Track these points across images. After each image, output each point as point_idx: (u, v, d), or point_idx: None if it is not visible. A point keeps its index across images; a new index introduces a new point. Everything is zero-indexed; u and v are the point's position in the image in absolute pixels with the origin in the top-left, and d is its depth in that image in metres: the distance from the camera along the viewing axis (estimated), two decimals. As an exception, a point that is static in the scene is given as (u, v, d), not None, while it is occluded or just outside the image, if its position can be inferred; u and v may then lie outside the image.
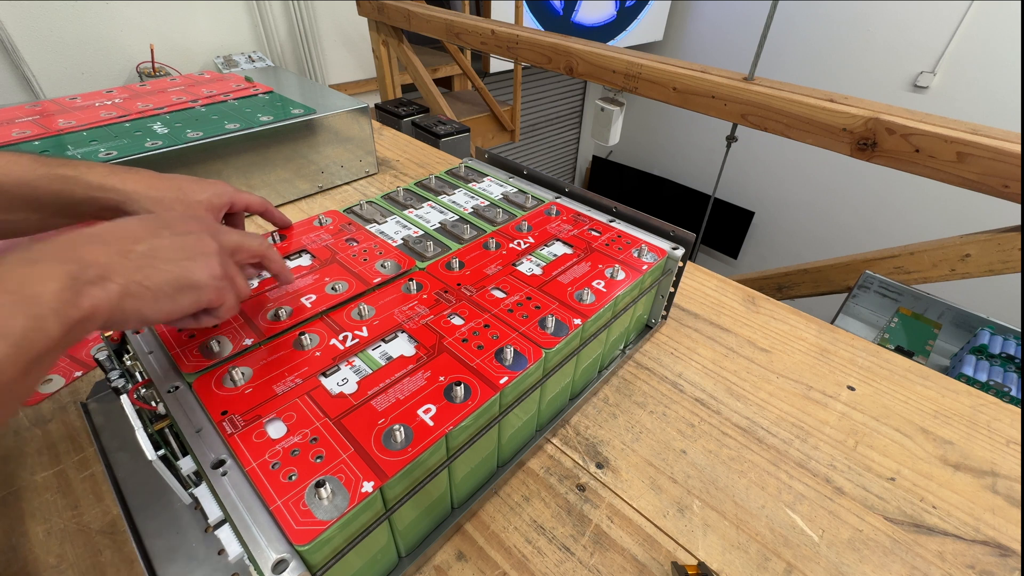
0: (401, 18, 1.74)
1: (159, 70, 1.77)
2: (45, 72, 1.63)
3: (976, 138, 0.81)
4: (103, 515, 0.40)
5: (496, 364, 0.36)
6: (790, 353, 0.56)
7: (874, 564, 0.37)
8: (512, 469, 0.42)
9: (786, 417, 0.49)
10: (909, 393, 0.52)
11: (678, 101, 1.15)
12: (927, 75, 2.73)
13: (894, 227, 3.10)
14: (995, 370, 0.87)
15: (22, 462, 0.44)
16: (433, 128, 1.19)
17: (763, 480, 0.43)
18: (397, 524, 0.33)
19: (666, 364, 0.54)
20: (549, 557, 0.37)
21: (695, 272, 0.69)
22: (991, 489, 0.43)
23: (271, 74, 0.97)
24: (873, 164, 0.94)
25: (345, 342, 0.38)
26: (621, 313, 0.46)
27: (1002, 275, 0.93)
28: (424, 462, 0.30)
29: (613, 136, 1.67)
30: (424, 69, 1.91)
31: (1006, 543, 0.39)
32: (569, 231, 0.53)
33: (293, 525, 0.26)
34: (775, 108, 1.01)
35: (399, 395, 0.33)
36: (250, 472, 0.28)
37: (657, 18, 3.48)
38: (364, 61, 2.34)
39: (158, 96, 0.80)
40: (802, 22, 3.05)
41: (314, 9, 2.10)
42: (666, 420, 0.48)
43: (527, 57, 1.42)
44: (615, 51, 1.24)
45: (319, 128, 0.79)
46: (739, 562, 0.37)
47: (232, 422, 0.31)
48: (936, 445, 0.47)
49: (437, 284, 0.45)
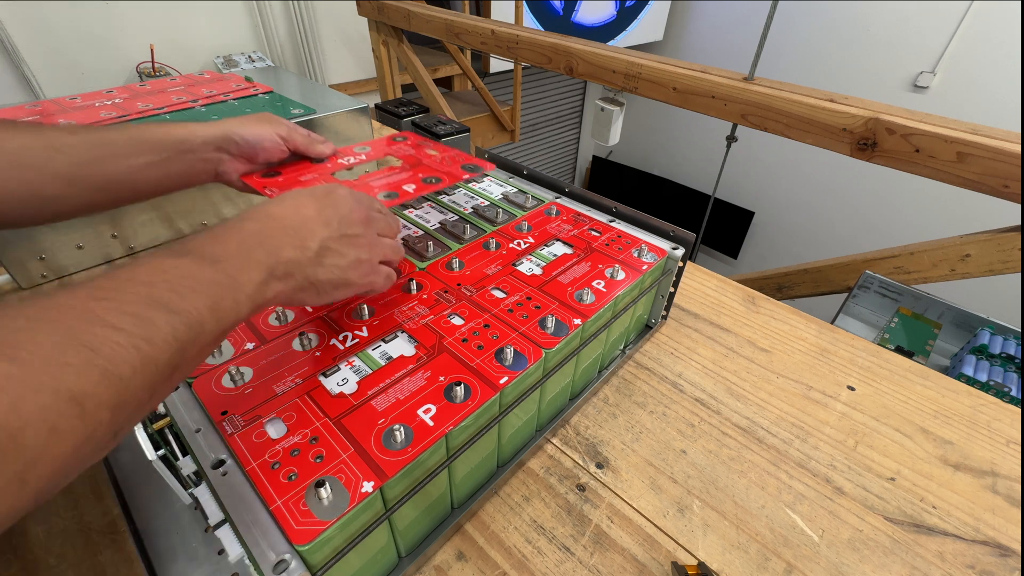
0: (401, 18, 1.74)
1: (159, 70, 1.77)
2: (45, 72, 1.63)
3: (976, 138, 0.81)
4: (103, 515, 0.40)
5: (496, 364, 0.36)
6: (790, 353, 0.56)
7: (874, 564, 0.37)
8: (512, 469, 0.42)
9: (786, 417, 0.49)
10: (909, 393, 0.52)
11: (678, 101, 1.15)
12: (927, 75, 2.73)
13: (894, 227, 3.10)
14: (995, 370, 0.87)
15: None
16: (433, 128, 1.19)
17: (763, 480, 0.43)
18: (397, 524, 0.33)
19: (666, 364, 0.54)
20: (549, 557, 0.37)
21: (695, 272, 0.69)
22: (991, 489, 0.43)
23: (271, 74, 0.97)
24: (873, 164, 0.94)
25: (345, 342, 0.38)
26: (621, 313, 0.46)
27: (1002, 275, 0.93)
28: (424, 462, 0.30)
29: (613, 136, 1.68)
30: (424, 69, 1.91)
31: (1006, 543, 0.39)
32: (569, 231, 0.53)
33: (293, 525, 0.26)
34: (775, 108, 1.01)
35: (399, 395, 0.33)
36: (250, 472, 0.28)
37: (657, 18, 3.48)
38: (364, 61, 2.34)
39: (158, 96, 0.80)
40: (802, 22, 3.05)
41: (314, 9, 2.10)
42: (666, 420, 0.48)
43: (527, 57, 1.42)
44: (615, 51, 1.24)
45: (319, 128, 0.79)
46: (739, 562, 0.37)
47: (232, 422, 0.31)
48: (936, 445, 0.47)
49: (437, 284, 0.45)
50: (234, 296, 0.26)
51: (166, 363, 0.22)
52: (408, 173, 0.53)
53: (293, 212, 0.32)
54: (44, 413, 0.17)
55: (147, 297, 0.22)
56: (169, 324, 0.22)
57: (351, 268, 0.34)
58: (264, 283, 0.28)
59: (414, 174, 0.53)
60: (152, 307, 0.22)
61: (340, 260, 0.33)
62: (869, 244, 1.42)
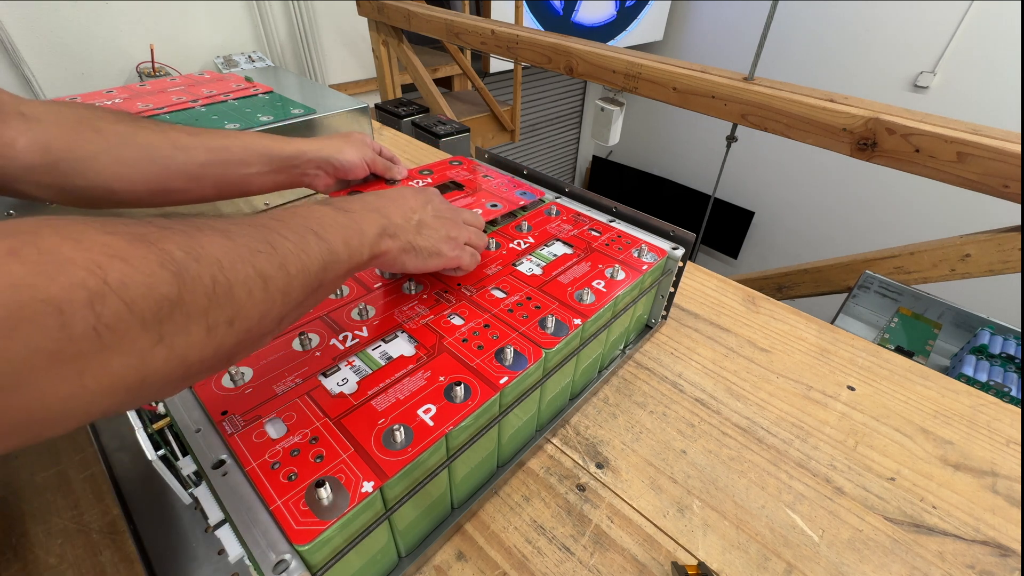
0: (401, 18, 1.74)
1: (159, 70, 1.77)
2: (45, 72, 1.63)
3: (976, 138, 0.81)
4: (103, 515, 0.40)
5: (496, 364, 0.36)
6: (790, 353, 0.56)
7: (874, 564, 0.37)
8: (512, 469, 0.42)
9: (786, 417, 0.49)
10: (909, 393, 0.52)
11: (678, 101, 1.15)
12: (927, 75, 2.73)
13: (894, 227, 3.10)
14: (995, 370, 0.87)
15: (22, 462, 0.44)
16: (433, 128, 1.19)
17: (763, 480, 0.43)
18: (397, 524, 0.33)
19: (666, 364, 0.54)
20: (549, 557, 0.37)
21: (695, 272, 0.69)
22: (991, 489, 0.43)
23: (271, 74, 0.97)
24: (873, 164, 0.94)
25: (345, 342, 0.38)
26: (621, 313, 0.46)
27: (1002, 275, 0.93)
28: (424, 462, 0.30)
29: (613, 136, 1.68)
30: (424, 69, 1.91)
31: (1006, 543, 0.39)
32: (569, 231, 0.53)
33: (293, 525, 0.26)
34: (775, 108, 1.01)
35: (399, 395, 0.33)
36: (250, 472, 0.28)
37: (657, 18, 3.48)
38: (364, 61, 2.34)
39: (158, 96, 0.80)
40: (802, 22, 3.05)
41: (314, 9, 2.10)
42: (666, 420, 0.48)
43: (527, 57, 1.42)
44: (615, 51, 1.24)
45: (319, 128, 0.79)
46: (739, 562, 0.37)
47: (232, 422, 0.31)
48: (936, 445, 0.47)
49: (437, 284, 0.45)
50: (360, 239, 0.33)
51: (315, 275, 0.28)
52: (472, 198, 0.58)
53: (399, 195, 0.41)
54: (245, 279, 0.24)
55: (303, 226, 0.29)
56: (318, 246, 0.29)
57: (443, 242, 0.41)
58: (379, 236, 0.35)
59: (478, 199, 0.57)
60: (308, 232, 0.29)
61: (434, 234, 0.40)
62: (869, 244, 1.42)
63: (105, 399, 0.19)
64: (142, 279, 0.19)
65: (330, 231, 0.30)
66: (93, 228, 0.19)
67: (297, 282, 0.27)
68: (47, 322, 0.17)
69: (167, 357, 0.20)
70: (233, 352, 0.24)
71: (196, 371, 0.23)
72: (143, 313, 0.19)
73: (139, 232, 0.21)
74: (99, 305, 0.18)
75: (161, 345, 0.20)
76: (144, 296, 0.19)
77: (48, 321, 0.17)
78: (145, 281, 0.19)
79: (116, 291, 0.18)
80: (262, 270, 0.25)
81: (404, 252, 0.37)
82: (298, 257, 0.27)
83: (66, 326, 0.17)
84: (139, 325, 0.19)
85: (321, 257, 0.29)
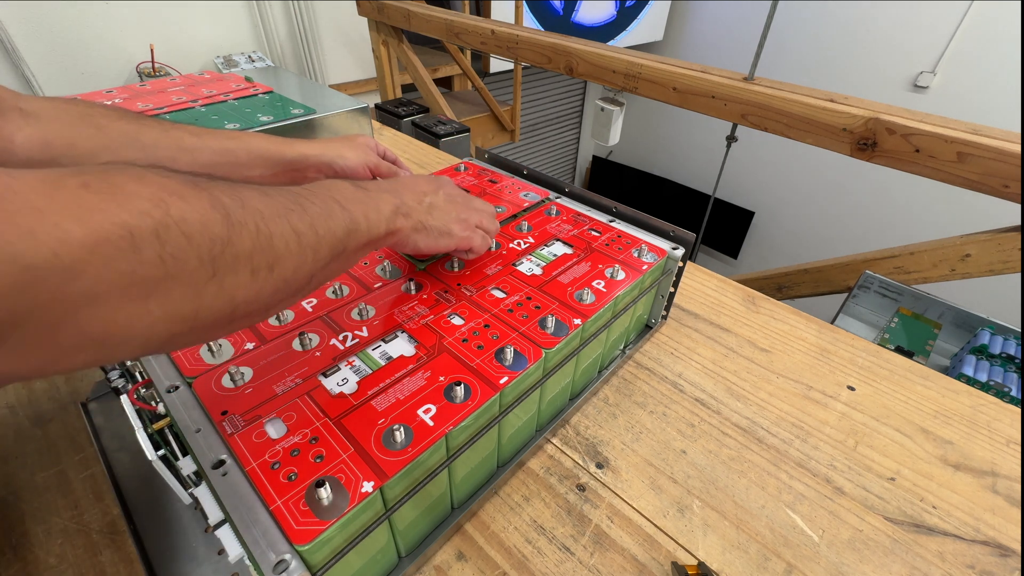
0: (401, 18, 1.74)
1: (159, 70, 1.77)
2: (45, 72, 1.63)
3: (976, 138, 0.81)
4: (103, 515, 0.40)
5: (496, 364, 0.36)
6: (790, 353, 0.56)
7: (874, 564, 0.37)
8: (512, 469, 0.42)
9: (786, 417, 0.49)
10: (909, 393, 0.52)
11: (678, 101, 1.15)
12: (927, 75, 2.73)
13: (894, 227, 3.10)
14: (995, 370, 0.87)
15: (22, 462, 0.44)
16: (433, 128, 1.19)
17: (763, 480, 0.43)
18: (397, 524, 0.33)
19: (666, 364, 0.54)
20: (549, 557, 0.37)
21: (695, 272, 0.69)
22: (991, 489, 0.43)
23: (271, 74, 0.97)
24: (873, 164, 0.93)
25: (345, 342, 0.38)
26: (621, 313, 0.46)
27: (1002, 275, 0.93)
28: (424, 462, 0.30)
29: (613, 136, 1.68)
30: (424, 69, 1.91)
31: (1006, 543, 0.39)
32: (569, 231, 0.53)
33: (293, 525, 0.26)
34: (775, 108, 1.01)
35: (399, 395, 0.33)
36: (250, 472, 0.28)
37: (657, 18, 3.47)
38: (364, 61, 2.34)
39: (158, 96, 0.80)
40: (802, 22, 3.05)
41: (314, 9, 2.10)
42: (666, 420, 0.48)
43: (527, 57, 1.42)
44: (615, 51, 1.24)
45: (319, 128, 0.79)
46: (739, 562, 0.37)
47: (232, 422, 0.31)
48: (936, 445, 0.47)
49: (437, 284, 0.45)
50: (377, 214, 0.35)
51: (340, 239, 0.30)
52: None
53: (412, 181, 0.43)
54: (282, 232, 0.26)
55: (328, 196, 0.31)
56: (341, 214, 0.31)
57: (454, 222, 0.42)
58: (394, 214, 0.36)
59: None
60: (332, 202, 0.31)
61: (445, 216, 0.41)
62: (869, 244, 1.42)
63: (163, 326, 0.21)
64: (198, 216, 0.21)
65: (351, 203, 0.33)
66: (152, 171, 0.22)
67: (325, 243, 0.29)
68: (122, 244, 0.18)
69: (217, 293, 0.22)
70: (271, 302, 0.26)
71: (241, 313, 0.24)
72: (199, 247, 0.21)
73: (191, 178, 0.23)
74: (164, 233, 0.20)
75: (214, 280, 0.22)
76: (200, 232, 0.21)
77: (122, 243, 0.18)
78: (200, 219, 0.21)
79: (177, 223, 0.20)
80: (295, 226, 0.27)
81: (416, 231, 0.39)
82: (325, 220, 0.29)
83: (137, 249, 0.19)
84: (196, 258, 0.21)
85: (344, 224, 0.31)
